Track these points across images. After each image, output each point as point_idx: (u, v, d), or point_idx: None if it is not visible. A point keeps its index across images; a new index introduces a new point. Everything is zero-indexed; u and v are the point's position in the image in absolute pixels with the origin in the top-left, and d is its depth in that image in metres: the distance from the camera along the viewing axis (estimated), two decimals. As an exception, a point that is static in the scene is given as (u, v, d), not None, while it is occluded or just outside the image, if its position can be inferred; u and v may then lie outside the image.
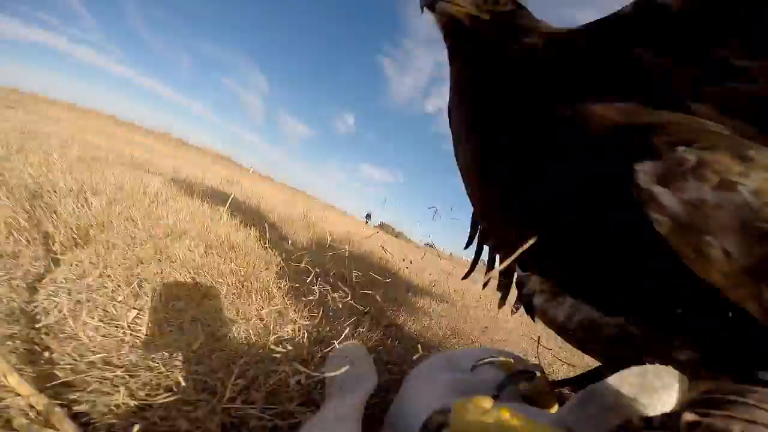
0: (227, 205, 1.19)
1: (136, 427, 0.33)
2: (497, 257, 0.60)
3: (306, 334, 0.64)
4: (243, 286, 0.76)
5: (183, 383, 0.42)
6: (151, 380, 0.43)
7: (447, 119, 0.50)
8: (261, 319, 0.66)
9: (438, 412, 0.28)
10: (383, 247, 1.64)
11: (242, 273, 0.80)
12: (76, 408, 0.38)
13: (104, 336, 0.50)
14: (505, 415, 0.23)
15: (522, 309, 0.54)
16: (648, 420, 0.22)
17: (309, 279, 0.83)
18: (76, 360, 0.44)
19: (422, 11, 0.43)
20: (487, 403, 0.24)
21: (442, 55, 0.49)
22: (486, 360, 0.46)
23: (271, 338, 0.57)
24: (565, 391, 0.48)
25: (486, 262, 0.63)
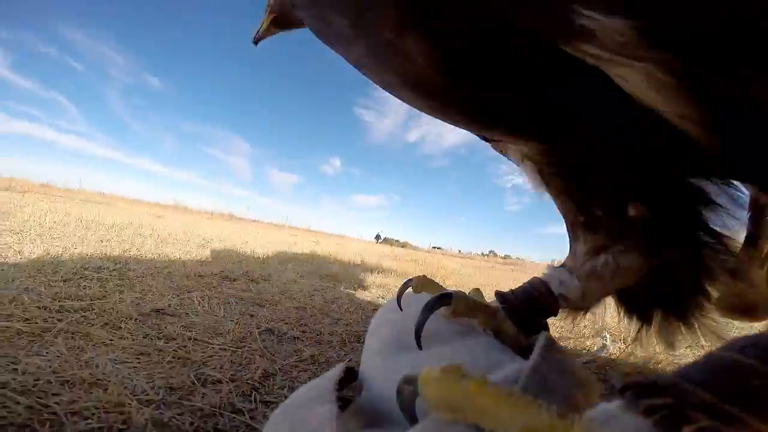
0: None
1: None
2: None
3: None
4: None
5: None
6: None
7: (428, 144, 0.47)
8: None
9: (406, 381, 0.27)
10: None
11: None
12: None
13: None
14: (475, 388, 0.22)
15: None
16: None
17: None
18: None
19: None
20: (455, 373, 0.23)
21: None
22: (405, 290, 0.46)
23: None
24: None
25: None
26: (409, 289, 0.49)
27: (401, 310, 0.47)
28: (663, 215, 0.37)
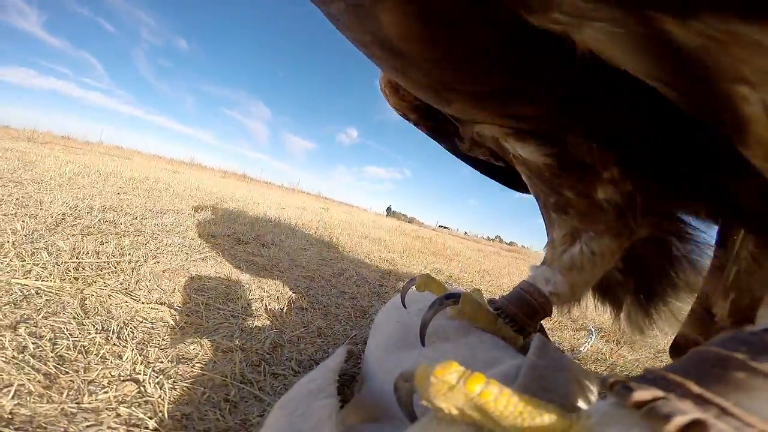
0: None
1: None
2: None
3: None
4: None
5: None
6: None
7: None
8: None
9: (404, 378, 0.26)
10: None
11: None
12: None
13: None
14: (473, 390, 0.20)
15: None
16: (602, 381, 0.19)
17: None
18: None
19: None
20: (450, 372, 0.22)
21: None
22: (409, 289, 0.47)
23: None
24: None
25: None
26: (413, 287, 0.49)
27: (405, 308, 0.47)
28: (631, 199, 0.39)
